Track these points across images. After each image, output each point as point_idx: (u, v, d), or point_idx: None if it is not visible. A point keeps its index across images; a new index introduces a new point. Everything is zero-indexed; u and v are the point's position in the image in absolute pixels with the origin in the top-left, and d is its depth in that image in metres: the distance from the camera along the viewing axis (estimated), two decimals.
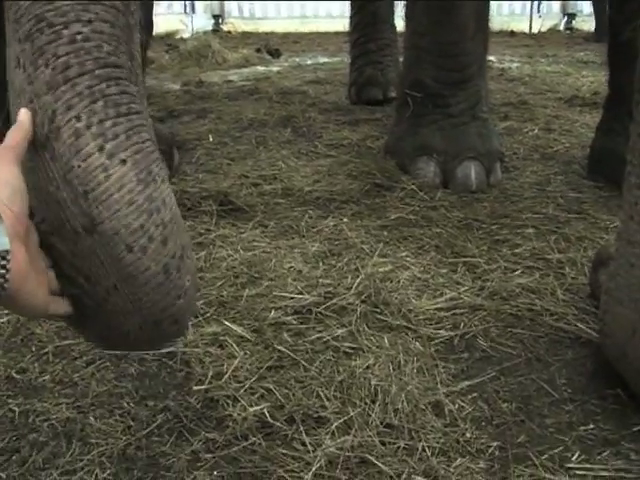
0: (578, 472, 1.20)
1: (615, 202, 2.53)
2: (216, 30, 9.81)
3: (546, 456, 1.24)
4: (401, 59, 3.21)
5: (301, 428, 1.31)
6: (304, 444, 1.27)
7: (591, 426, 1.32)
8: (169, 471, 1.23)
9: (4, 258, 0.69)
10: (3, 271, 0.69)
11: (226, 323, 1.66)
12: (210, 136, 3.45)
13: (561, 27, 9.91)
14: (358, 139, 3.27)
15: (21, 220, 0.75)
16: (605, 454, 1.25)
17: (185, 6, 10.49)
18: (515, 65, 6.23)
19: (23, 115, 0.79)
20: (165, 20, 8.42)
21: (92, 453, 1.27)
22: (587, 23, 9.10)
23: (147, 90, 2.74)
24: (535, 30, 10.04)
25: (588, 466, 1.21)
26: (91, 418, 1.37)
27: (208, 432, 1.32)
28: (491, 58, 6.71)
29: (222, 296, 1.80)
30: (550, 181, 2.73)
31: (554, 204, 2.47)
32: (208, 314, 1.71)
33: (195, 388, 1.44)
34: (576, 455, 1.24)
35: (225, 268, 1.97)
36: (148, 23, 2.74)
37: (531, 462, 1.22)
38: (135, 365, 1.54)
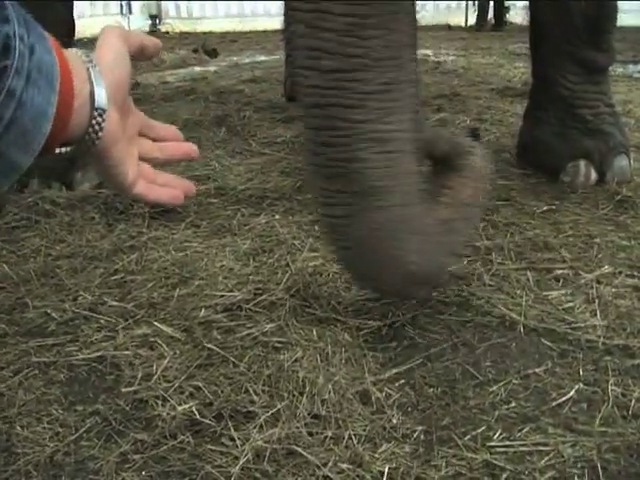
0: (499, 449, 1.23)
1: (542, 188, 2.60)
2: (153, 31, 9.71)
3: (469, 436, 1.27)
4: None
5: (229, 424, 1.31)
6: (232, 439, 1.27)
7: (513, 404, 1.36)
8: (97, 474, 1.22)
9: (101, 116, 0.72)
10: (98, 127, 0.73)
11: (156, 324, 1.65)
12: None
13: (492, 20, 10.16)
14: (292, 136, 3.28)
15: (120, 87, 0.77)
16: (525, 430, 1.28)
17: (122, 7, 10.35)
18: (450, 58, 6.33)
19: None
20: (101, 22, 8.29)
21: (17, 463, 1.25)
22: (520, 16, 9.29)
23: None
24: (471, 23, 10.22)
25: (508, 443, 1.25)
26: (18, 427, 1.34)
27: (137, 433, 1.31)
28: (427, 52, 6.81)
29: (153, 298, 1.79)
30: None
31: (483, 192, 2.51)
32: (138, 316, 1.70)
33: (124, 390, 1.43)
34: (497, 433, 1.27)
35: (156, 269, 1.95)
36: (69, 23, 2.68)
37: (454, 443, 1.25)
38: (64, 371, 1.52)
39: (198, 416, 1.34)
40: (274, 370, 1.44)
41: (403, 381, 1.43)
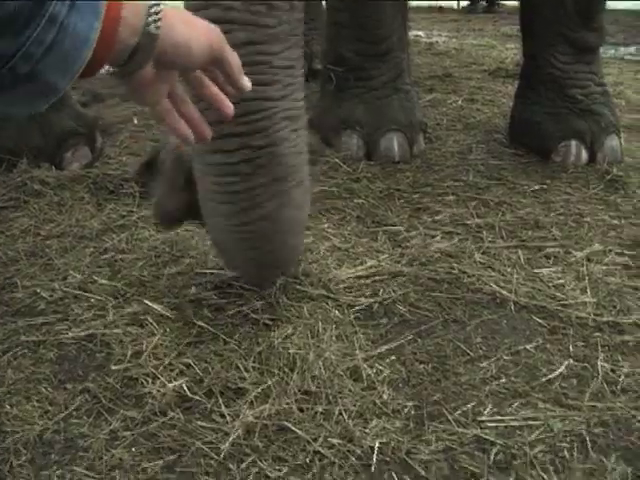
0: (489, 424, 1.23)
1: (533, 168, 2.59)
2: None
3: (459, 412, 1.27)
4: None
5: (220, 400, 1.31)
6: (223, 415, 1.27)
7: (503, 380, 1.36)
8: (87, 451, 1.22)
9: (143, 57, 0.79)
10: (137, 66, 0.80)
11: (146, 302, 1.64)
12: (135, 119, 3.39)
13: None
14: None
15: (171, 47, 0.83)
16: (515, 405, 1.28)
17: None
18: (442, 39, 6.30)
19: None
20: None
21: (7, 441, 1.24)
22: None
23: None
24: (463, 5, 10.16)
25: (499, 418, 1.25)
26: (7, 406, 1.34)
27: (127, 410, 1.31)
28: (419, 33, 6.78)
29: (143, 276, 1.78)
30: (472, 150, 2.78)
31: (475, 171, 2.51)
32: (128, 294, 1.69)
33: (114, 368, 1.43)
34: (488, 408, 1.27)
35: (147, 248, 1.94)
36: None
37: (445, 418, 1.25)
38: (54, 350, 1.51)
39: (188, 393, 1.33)
40: (264, 347, 1.43)
41: (394, 357, 1.43)
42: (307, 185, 1.46)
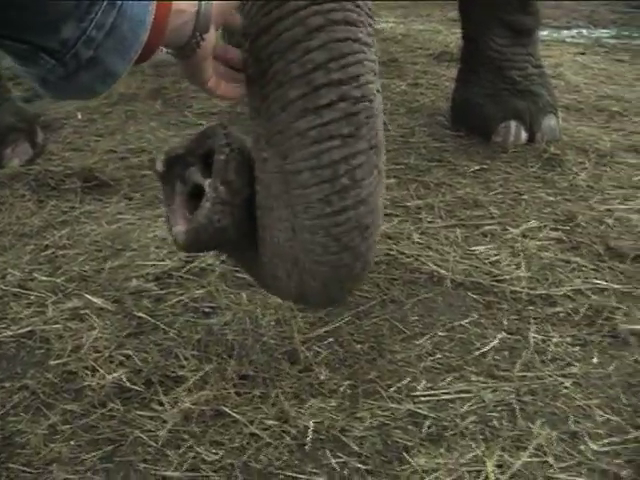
0: (423, 399, 1.27)
1: (474, 149, 2.63)
2: None
3: (394, 388, 1.30)
4: None
5: (159, 389, 1.32)
6: (162, 404, 1.29)
7: (438, 356, 1.40)
8: (25, 448, 1.22)
9: (201, 35, 0.86)
10: (196, 45, 0.86)
11: (87, 297, 1.64)
12: (78, 114, 3.34)
13: None
14: (228, 106, 3.25)
15: (222, 15, 0.90)
16: (448, 380, 1.32)
17: None
18: (389, 25, 6.32)
19: None
20: None
21: None
22: None
23: (13, 71, 2.66)
24: None
25: (432, 392, 1.28)
26: None
27: (66, 404, 1.31)
28: None
29: (84, 271, 1.78)
30: (414, 133, 2.81)
31: (416, 154, 2.54)
32: (69, 290, 1.69)
33: (53, 363, 1.43)
34: (422, 384, 1.31)
35: (88, 243, 1.94)
36: None
37: (379, 395, 1.28)
38: None
39: (128, 383, 1.34)
40: (203, 334, 1.45)
41: (332, 339, 1.45)
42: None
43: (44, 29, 0.66)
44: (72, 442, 1.22)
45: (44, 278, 1.75)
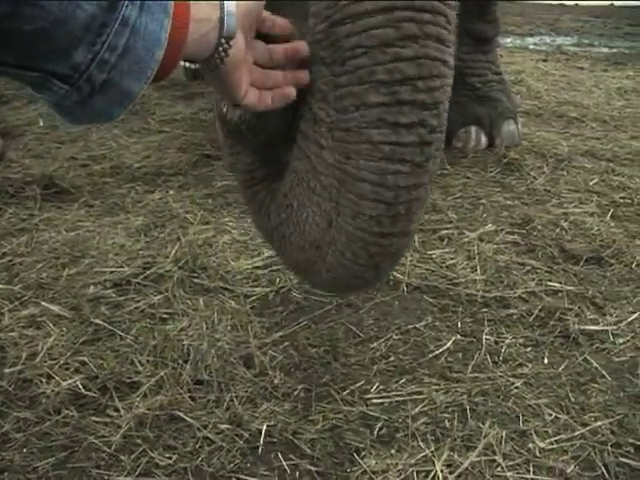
0: (375, 401, 1.28)
1: None
2: None
3: (347, 391, 1.31)
4: None
5: (114, 395, 1.32)
6: (117, 410, 1.28)
7: (392, 359, 1.41)
8: None
9: (227, 42, 0.78)
10: (223, 53, 0.79)
11: (44, 304, 1.63)
12: (40, 120, 3.32)
13: None
14: (191, 113, 3.26)
15: (249, 16, 0.83)
16: (402, 382, 1.34)
17: None
18: None
19: None
20: None
21: None
22: None
23: None
24: None
25: (385, 394, 1.30)
26: None
27: (19, 412, 1.30)
28: None
29: (41, 278, 1.77)
30: None
31: None
32: (25, 297, 1.68)
33: (7, 371, 1.41)
34: (375, 387, 1.32)
35: (46, 250, 1.92)
36: None
37: (333, 398, 1.29)
38: None
39: (83, 390, 1.34)
40: (160, 340, 1.45)
41: (287, 343, 1.46)
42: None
43: (54, 55, 0.62)
44: (25, 450, 1.21)
45: (1, 286, 1.73)
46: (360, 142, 0.91)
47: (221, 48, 0.78)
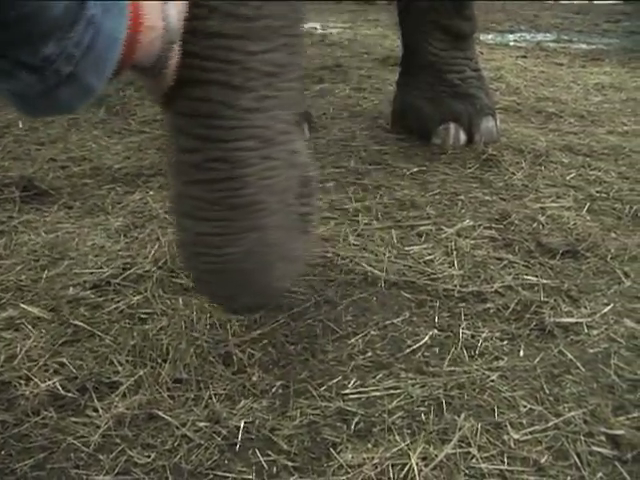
0: (352, 396, 1.29)
1: (414, 151, 2.69)
2: None
3: (325, 387, 1.32)
4: None
5: (93, 395, 1.32)
6: (96, 410, 1.29)
7: (369, 354, 1.43)
8: None
9: (170, 50, 0.85)
10: (165, 60, 0.85)
11: (22, 306, 1.63)
12: (20, 122, 3.31)
13: None
14: None
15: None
16: (378, 377, 1.35)
17: None
18: (337, 30, 6.39)
19: None
20: None
21: None
22: None
23: None
24: None
25: (362, 390, 1.31)
26: None
27: None
28: (315, 25, 6.84)
29: (20, 280, 1.77)
30: (355, 136, 2.85)
31: (356, 157, 2.59)
32: (4, 300, 1.67)
33: None
34: (352, 382, 1.33)
35: (25, 252, 1.92)
36: None
37: (310, 394, 1.30)
38: None
39: (62, 391, 1.34)
40: (139, 340, 1.46)
41: (266, 341, 1.47)
42: (284, 241, 1.22)
43: (27, 46, 0.67)
44: (3, 452, 1.21)
45: None
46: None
47: (164, 56, 0.85)
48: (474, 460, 1.14)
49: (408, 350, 1.44)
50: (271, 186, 1.15)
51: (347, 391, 1.31)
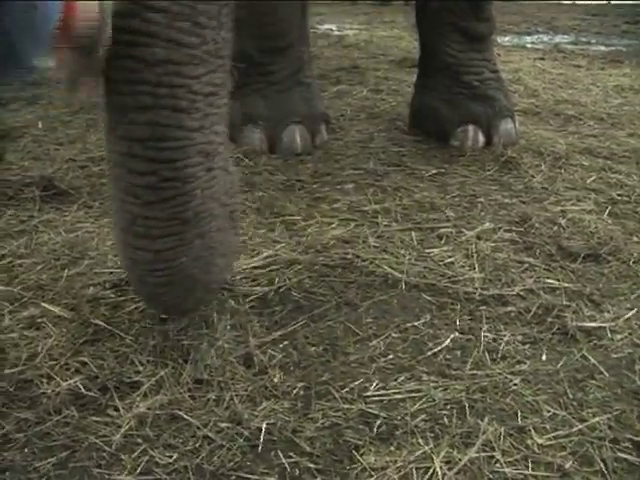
0: (374, 399, 1.29)
1: (432, 153, 2.68)
2: None
3: (347, 389, 1.32)
4: None
5: (114, 395, 1.32)
6: (117, 409, 1.29)
7: (391, 357, 1.42)
8: None
9: (104, 29, 1.01)
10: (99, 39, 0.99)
11: (43, 305, 1.64)
12: (39, 122, 3.33)
13: None
14: None
15: None
16: (400, 379, 1.34)
17: None
18: (353, 32, 6.38)
19: None
20: None
21: None
22: None
23: None
24: None
25: (384, 392, 1.31)
26: None
27: (20, 412, 1.31)
28: (331, 27, 6.85)
29: (41, 279, 1.77)
30: (373, 138, 2.85)
31: (375, 159, 2.58)
32: (25, 299, 1.68)
33: (8, 372, 1.42)
34: (374, 384, 1.33)
35: (46, 252, 1.93)
36: None
37: (332, 396, 1.30)
38: None
39: (83, 390, 1.34)
40: (160, 340, 1.45)
41: (287, 342, 1.47)
42: (222, 240, 1.33)
43: None
44: (26, 450, 1.22)
45: (1, 287, 1.74)
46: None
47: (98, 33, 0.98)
48: (498, 464, 1.13)
49: (429, 353, 1.43)
50: (213, 193, 1.26)
51: (369, 393, 1.30)
